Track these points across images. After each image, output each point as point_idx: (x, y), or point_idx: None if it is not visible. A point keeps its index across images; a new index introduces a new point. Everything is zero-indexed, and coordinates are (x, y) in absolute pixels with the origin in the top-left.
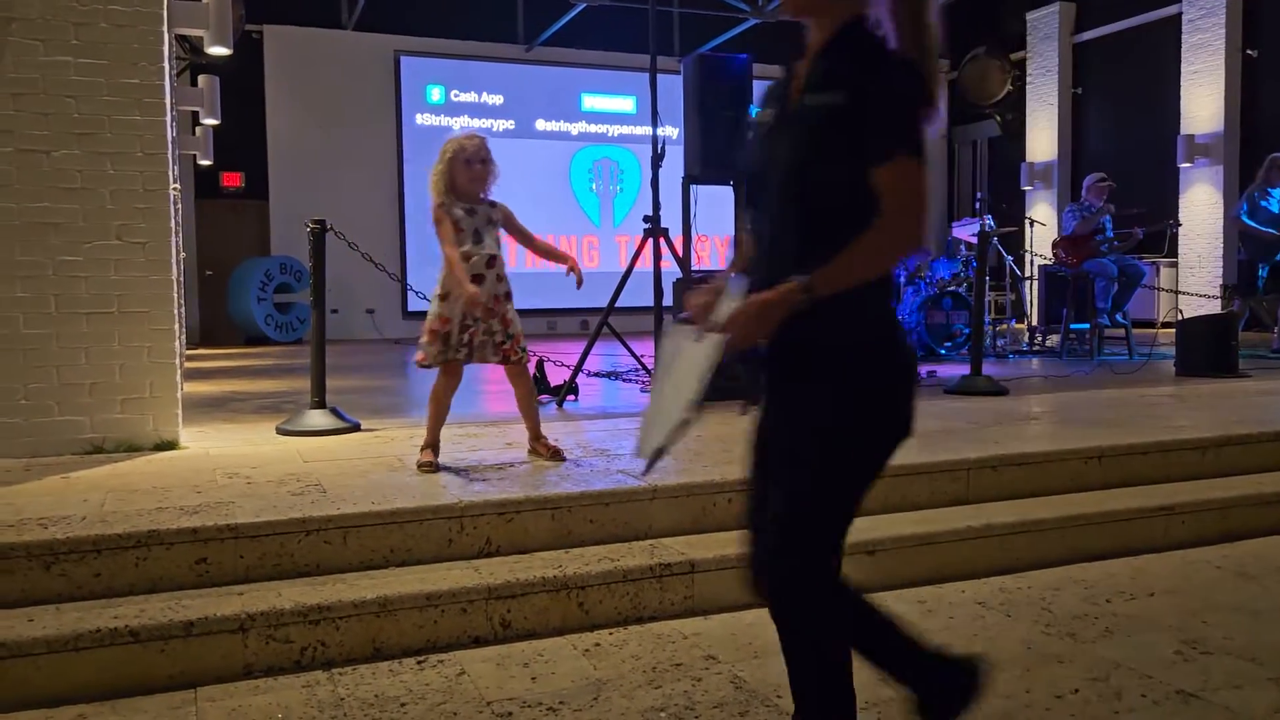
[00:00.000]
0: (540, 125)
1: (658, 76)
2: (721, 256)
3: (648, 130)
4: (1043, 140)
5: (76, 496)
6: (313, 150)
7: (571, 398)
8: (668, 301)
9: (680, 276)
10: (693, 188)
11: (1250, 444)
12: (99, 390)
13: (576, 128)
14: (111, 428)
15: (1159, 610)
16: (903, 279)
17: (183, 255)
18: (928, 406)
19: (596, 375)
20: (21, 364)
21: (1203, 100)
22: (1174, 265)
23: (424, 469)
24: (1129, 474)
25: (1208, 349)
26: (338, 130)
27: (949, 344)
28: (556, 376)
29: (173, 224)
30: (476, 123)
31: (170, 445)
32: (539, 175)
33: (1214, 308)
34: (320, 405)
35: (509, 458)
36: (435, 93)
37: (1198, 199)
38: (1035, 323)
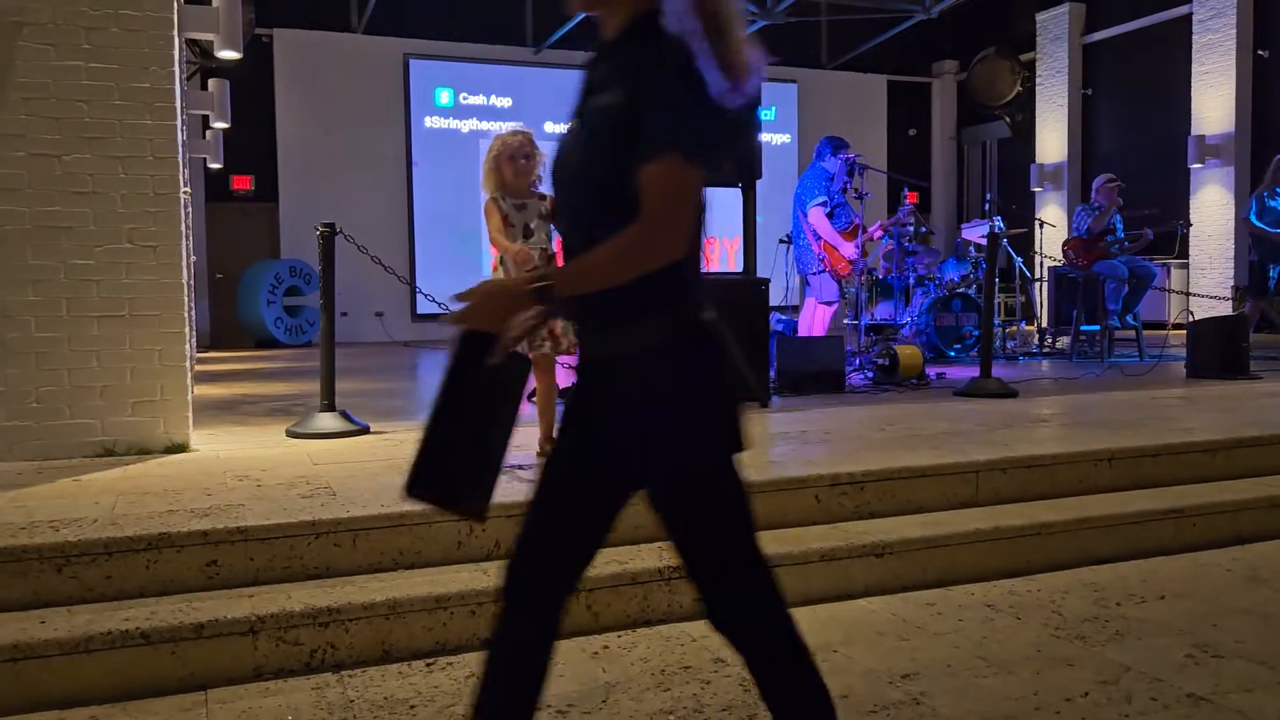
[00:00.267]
0: (549, 128)
1: None
2: (731, 258)
3: None
4: (1053, 141)
5: (88, 499)
6: (322, 153)
7: None
8: None
9: None
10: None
11: (1261, 446)
12: (110, 393)
13: None
14: (122, 430)
15: (1169, 613)
16: (912, 281)
17: (193, 259)
18: (937, 408)
19: None
20: (33, 367)
21: (1214, 101)
22: (1185, 266)
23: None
24: (1139, 476)
25: (1219, 351)
26: (347, 133)
27: (958, 346)
28: (564, 379)
29: (183, 228)
30: (485, 125)
31: (181, 448)
32: (548, 178)
33: (1225, 309)
34: (330, 408)
35: (518, 460)
36: (444, 95)
37: (1209, 200)
38: (1045, 324)
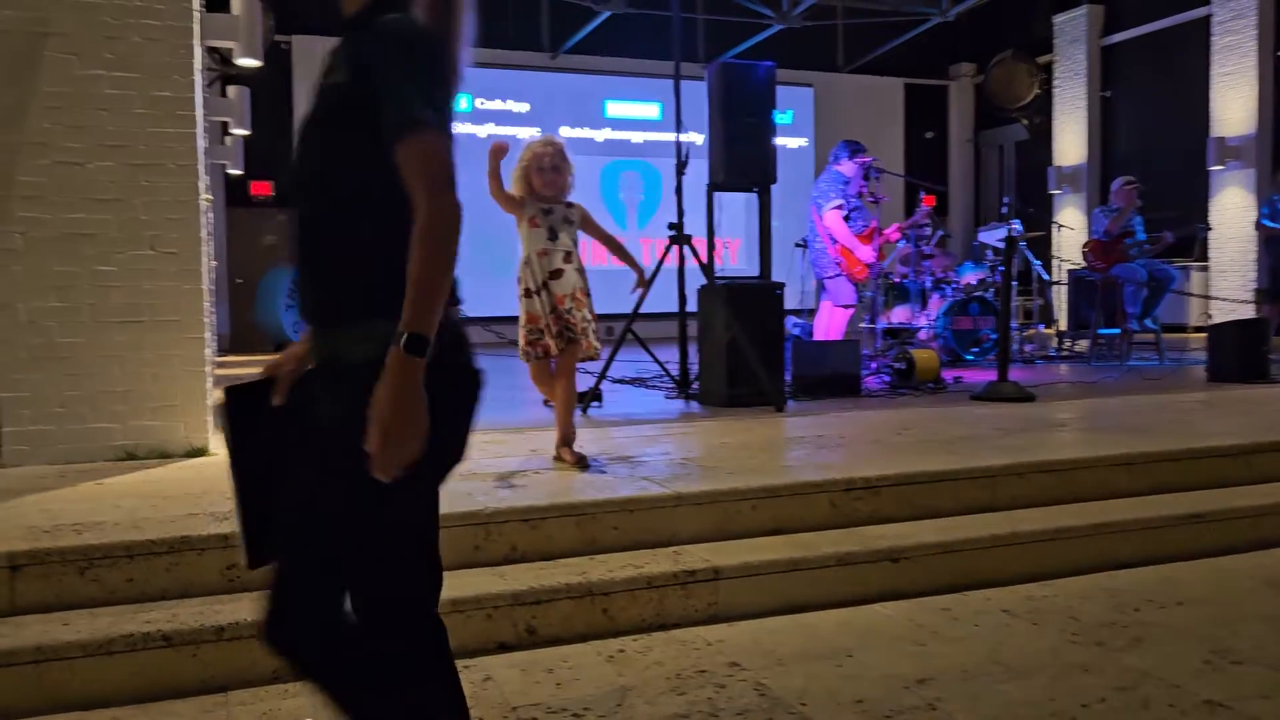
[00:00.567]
0: (565, 132)
1: (683, 83)
2: (734, 256)
3: (672, 136)
4: (1071, 144)
5: (110, 503)
6: None
7: (596, 404)
8: (691, 307)
9: (705, 283)
10: (716, 194)
11: None
12: (131, 398)
13: (601, 134)
14: (144, 435)
15: (1188, 619)
16: (929, 284)
17: (214, 264)
18: (954, 413)
19: (620, 381)
20: (56, 372)
21: (1234, 103)
22: (1205, 269)
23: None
24: (1158, 481)
25: (1239, 355)
26: None
27: (976, 349)
28: (581, 383)
29: (204, 234)
30: (502, 130)
31: (201, 452)
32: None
33: (1246, 313)
34: None
35: (535, 464)
36: (461, 100)
37: (1229, 202)
38: (1063, 328)
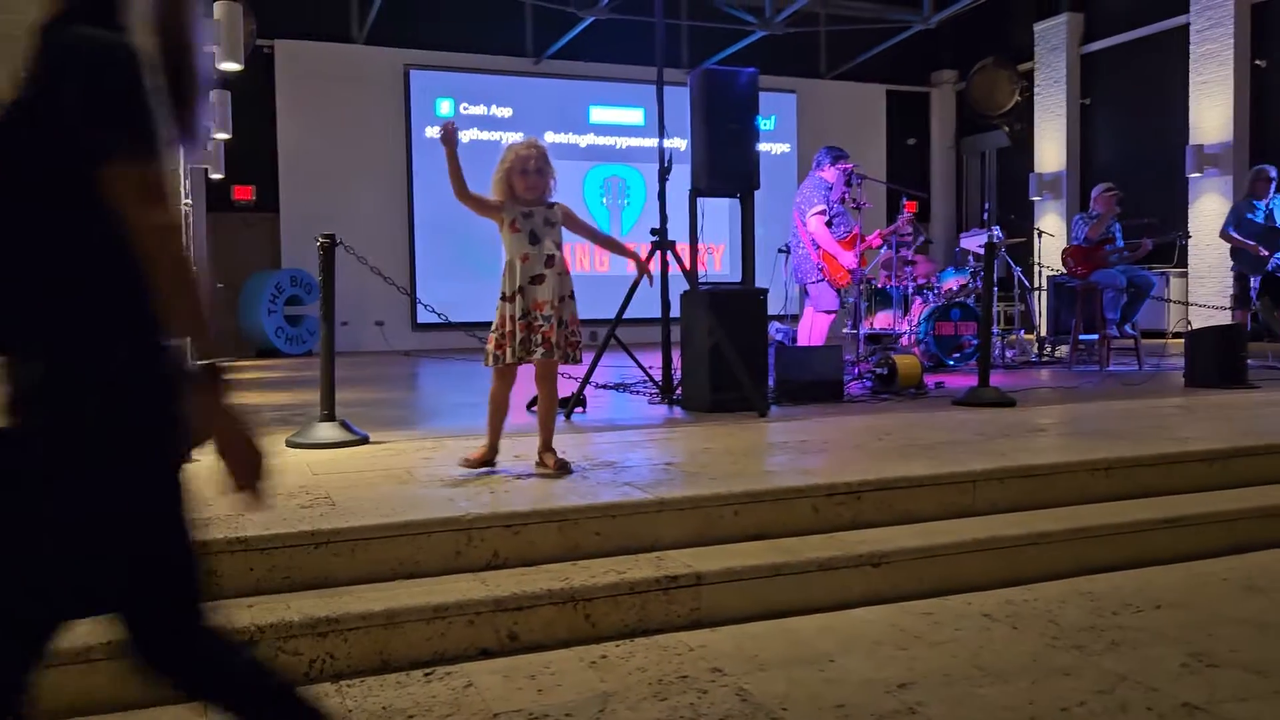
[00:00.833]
0: (549, 137)
1: (665, 89)
2: (718, 262)
3: (655, 142)
4: (1051, 151)
5: None
6: (323, 163)
7: (579, 409)
8: (675, 313)
9: (688, 289)
10: (699, 200)
11: (1258, 456)
12: None
13: (585, 140)
14: None
15: (1166, 623)
16: (911, 290)
17: None
18: (935, 418)
19: (603, 387)
20: None
21: (1212, 110)
22: (1184, 276)
23: (464, 464)
24: (1136, 486)
25: (1217, 360)
26: (348, 143)
27: (957, 355)
28: (564, 388)
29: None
30: (486, 135)
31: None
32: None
33: (1224, 319)
34: (330, 418)
35: (517, 470)
36: (444, 105)
37: (1207, 209)
38: (1044, 334)
